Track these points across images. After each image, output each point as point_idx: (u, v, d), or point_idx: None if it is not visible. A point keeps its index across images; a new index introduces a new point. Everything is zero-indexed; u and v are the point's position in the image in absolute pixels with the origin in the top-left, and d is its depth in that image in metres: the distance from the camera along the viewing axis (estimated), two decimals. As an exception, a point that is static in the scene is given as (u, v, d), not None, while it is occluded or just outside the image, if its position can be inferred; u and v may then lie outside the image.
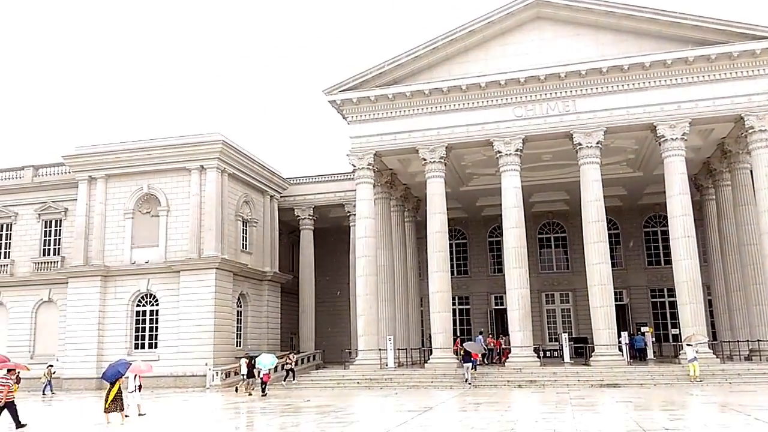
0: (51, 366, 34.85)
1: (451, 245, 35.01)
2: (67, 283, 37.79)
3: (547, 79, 31.47)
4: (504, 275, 32.43)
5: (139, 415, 20.32)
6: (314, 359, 41.28)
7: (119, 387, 18.83)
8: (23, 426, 17.53)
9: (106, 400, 18.69)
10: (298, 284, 45.52)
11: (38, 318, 39.42)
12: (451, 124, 32.73)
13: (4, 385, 17.48)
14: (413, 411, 19.24)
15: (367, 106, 33.53)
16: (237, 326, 38.86)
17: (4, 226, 41.21)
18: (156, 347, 36.13)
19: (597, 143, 31.06)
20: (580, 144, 31.17)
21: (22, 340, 39.02)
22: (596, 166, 31.23)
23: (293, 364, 33.52)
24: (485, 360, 35.25)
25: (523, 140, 31.88)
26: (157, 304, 36.74)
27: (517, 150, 31.85)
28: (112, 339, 36.47)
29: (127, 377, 20.30)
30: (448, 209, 33.52)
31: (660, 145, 30.81)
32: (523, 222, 31.87)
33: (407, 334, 37.94)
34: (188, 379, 34.64)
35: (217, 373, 33.71)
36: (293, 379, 32.33)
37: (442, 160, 32.79)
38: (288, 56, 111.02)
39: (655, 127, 30.52)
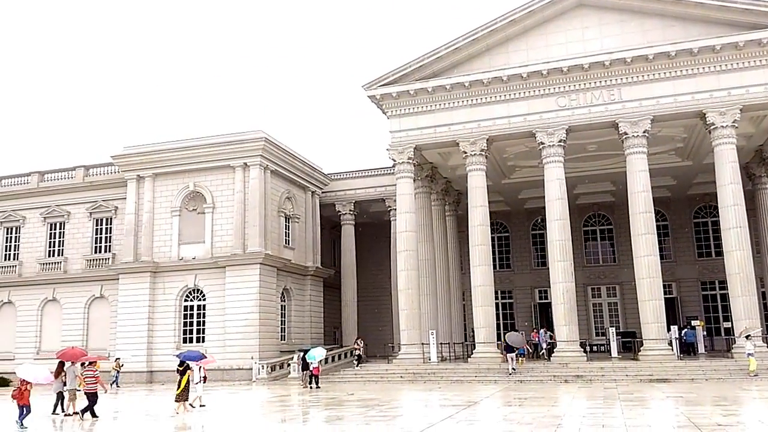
0: (119, 359, 35.71)
1: (493, 239, 34.65)
2: (117, 279, 38.83)
3: (591, 68, 30.87)
4: (548, 269, 31.98)
5: (200, 406, 20.93)
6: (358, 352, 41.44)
7: (188, 378, 19.65)
8: (96, 417, 18.50)
9: (178, 389, 19.56)
10: (340, 279, 45.81)
11: (90, 314, 40.64)
12: (492, 116, 32.41)
13: (92, 377, 18.76)
14: (457, 405, 19.16)
15: (407, 100, 33.45)
16: (281, 320, 39.34)
17: (58, 225, 42.58)
18: (203, 341, 36.87)
19: (644, 132, 30.34)
20: (626, 133, 30.49)
21: (75, 335, 40.29)
22: (643, 155, 30.52)
23: (361, 350, 33.26)
24: (531, 355, 34.90)
25: (566, 131, 31.35)
26: (204, 299, 37.47)
27: (560, 141, 31.33)
28: (162, 333, 37.34)
29: (192, 369, 20.96)
30: (489, 202, 33.25)
31: (710, 133, 29.92)
32: (567, 214, 31.37)
33: (450, 329, 37.82)
34: (235, 373, 35.23)
35: (262, 366, 34.20)
36: (358, 365, 32.05)
37: (483, 153, 32.49)
38: (327, 53, 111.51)
39: (705, 114, 29.64)
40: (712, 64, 29.67)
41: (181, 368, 20.03)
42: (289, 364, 34.91)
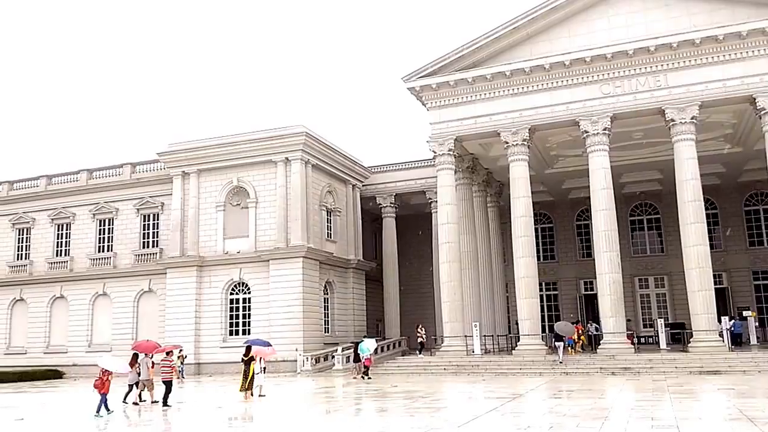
0: (182, 351, 36.45)
1: (536, 230, 34.34)
2: (165, 273, 39.74)
3: (636, 54, 30.14)
4: (594, 260, 31.45)
5: (260, 395, 21.49)
6: (399, 345, 41.55)
7: (253, 368, 20.44)
8: (168, 406, 19.37)
9: (245, 379, 20.40)
10: (382, 272, 45.94)
11: (140, 307, 41.70)
12: (534, 105, 31.96)
13: (168, 366, 20.00)
14: (502, 398, 19.04)
15: (447, 91, 33.24)
16: (324, 313, 39.70)
17: (106, 221, 43.77)
18: (249, 333, 37.40)
19: (691, 119, 29.51)
20: (673, 120, 29.71)
21: (125, 328, 41.43)
22: (691, 142, 29.70)
23: (423, 337, 33.18)
24: (574, 347, 34.40)
25: (611, 118, 30.71)
26: (249, 292, 38.06)
27: (605, 129, 30.72)
28: (208, 326, 38.09)
29: (255, 359, 21.57)
30: (532, 193, 32.82)
31: (760, 118, 28.93)
32: (613, 204, 30.77)
33: (493, 321, 37.55)
34: (279, 365, 35.71)
35: (307, 358, 34.58)
36: (420, 353, 31.99)
37: (525, 143, 32.08)
38: (365, 46, 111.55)
39: (755, 99, 28.67)
40: (761, 47, 28.64)
41: (245, 358, 20.79)
42: (333, 356, 35.23)
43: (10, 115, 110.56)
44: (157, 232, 42.29)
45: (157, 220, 42.41)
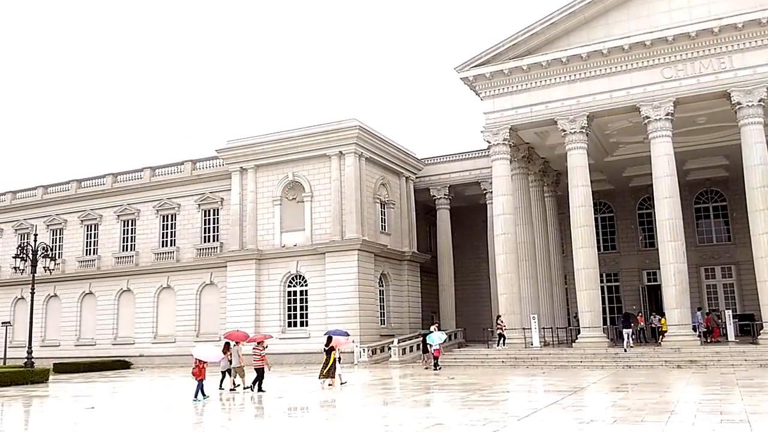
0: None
1: (596, 219, 33.45)
2: (225, 266, 40.68)
3: (699, 36, 28.98)
4: (657, 249, 30.51)
5: (341, 383, 22.23)
6: (456, 338, 41.38)
7: (334, 357, 21.24)
8: (263, 392, 20.77)
9: (324, 368, 21.53)
10: (436, 264, 45.80)
11: (202, 300, 42.84)
12: (592, 92, 31.17)
13: (259, 355, 21.22)
14: (563, 391, 18.69)
15: (501, 80, 32.75)
16: (380, 305, 39.88)
17: (169, 217, 45.09)
18: (306, 325, 38.02)
19: (759, 101, 28.22)
20: (739, 103, 28.47)
21: (188, 320, 42.67)
22: (759, 126, 28.40)
23: (503, 329, 33.00)
24: (639, 339, 33.55)
25: (673, 103, 29.66)
26: (306, 285, 38.58)
27: (667, 114, 29.69)
28: (268, 318, 38.81)
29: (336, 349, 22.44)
30: (591, 182, 32.05)
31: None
32: (677, 191, 29.76)
33: (552, 313, 36.95)
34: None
35: (364, 350, 34.82)
36: (504, 345, 31.94)
37: (584, 131, 31.33)
38: (415, 37, 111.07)
39: (829, 79, 27.14)
40: (837, 23, 27.09)
41: (326, 347, 21.89)
42: (389, 348, 35.37)
43: (76, 115, 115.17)
44: (218, 226, 43.31)
45: (217, 215, 43.43)
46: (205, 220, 43.88)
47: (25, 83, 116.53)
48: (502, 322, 32.10)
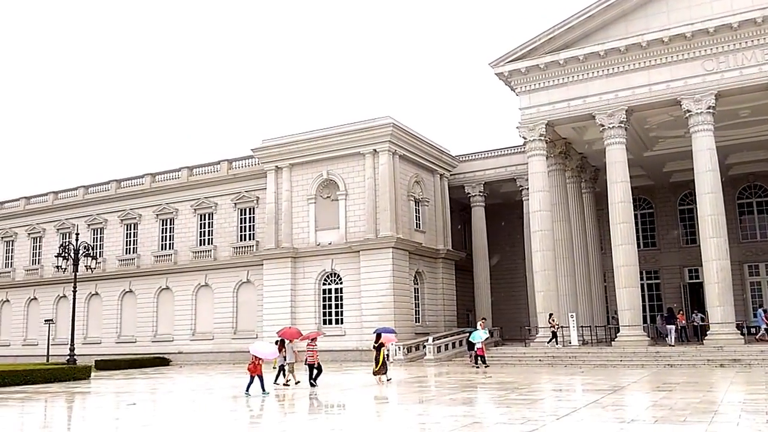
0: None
1: (635, 215, 32.76)
2: (261, 265, 41.05)
3: (741, 27, 28.17)
4: (699, 246, 29.77)
5: (387, 380, 22.68)
6: (492, 336, 40.96)
7: (384, 353, 22.04)
8: (315, 386, 21.70)
9: (376, 364, 22.24)
10: (471, 261, 45.47)
11: (239, 297, 43.33)
12: (630, 86, 30.56)
13: (313, 351, 22.07)
14: (602, 390, 18.34)
15: (537, 75, 32.32)
16: (414, 303, 39.77)
17: (207, 216, 45.69)
18: (341, 323, 38.13)
19: (806, 93, 27.26)
20: (785, 95, 27.55)
21: (226, 317, 43.20)
22: (806, 119, 27.46)
23: (556, 326, 32.67)
24: (680, 338, 32.78)
25: (715, 96, 28.89)
26: (341, 283, 38.69)
27: (709, 108, 28.92)
28: (303, 315, 39.04)
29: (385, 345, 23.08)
30: (630, 177, 31.45)
31: None
32: (719, 186, 28.99)
33: (590, 311, 36.36)
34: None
35: (399, 348, 34.75)
36: (557, 343, 31.65)
37: (622, 125, 30.73)
38: (446, 34, 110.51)
39: None
40: None
41: (376, 345, 22.53)
42: (424, 346, 35.26)
43: (116, 116, 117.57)
44: (253, 225, 43.73)
45: (253, 213, 43.84)
46: (241, 218, 44.34)
47: (67, 84, 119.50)
48: (554, 320, 31.88)
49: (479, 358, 29.07)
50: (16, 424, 15.70)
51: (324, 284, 39.42)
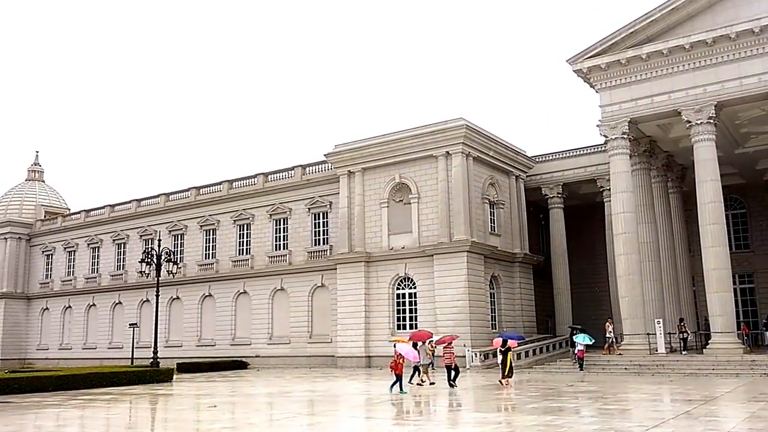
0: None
1: (726, 216, 30.68)
2: (335, 269, 41.16)
3: None
4: (798, 248, 27.67)
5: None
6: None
7: (510, 358, 22.60)
8: (455, 386, 22.54)
9: (504, 368, 22.81)
10: (550, 266, 44.10)
11: (314, 302, 43.64)
12: (719, 79, 28.86)
13: (450, 353, 23.08)
14: (693, 401, 17.19)
15: (618, 71, 31.01)
16: (491, 308, 38.88)
17: (281, 221, 46.34)
18: (416, 328, 37.48)
19: None
20: None
21: (301, 321, 43.59)
22: None
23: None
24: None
25: (815, 88, 26.83)
26: (414, 287, 38.28)
27: (807, 100, 26.89)
28: (377, 320, 38.87)
29: (511, 350, 23.77)
30: (721, 176, 29.68)
31: None
32: (820, 184, 26.85)
33: (678, 317, 34.44)
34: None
35: (476, 354, 34.04)
36: (686, 351, 30.67)
37: (711, 121, 29.01)
38: (518, 33, 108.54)
39: None
40: None
41: (503, 348, 23.18)
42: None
43: (194, 126, 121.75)
44: (327, 230, 44.00)
45: (327, 218, 44.12)
46: (315, 223, 44.71)
47: (148, 95, 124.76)
48: (684, 326, 31.04)
49: (581, 360, 29.35)
50: (104, 424, 16.13)
51: (397, 288, 39.13)
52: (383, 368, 36.46)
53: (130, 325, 48.86)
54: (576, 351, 29.73)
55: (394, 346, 22.67)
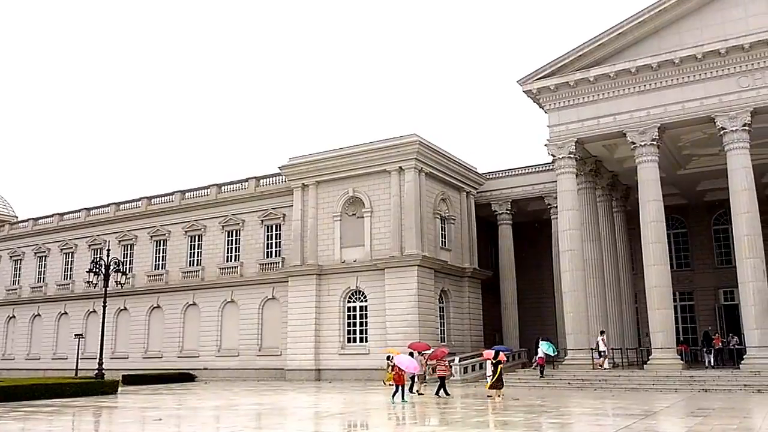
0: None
1: (668, 235, 31.85)
2: (287, 281, 40.97)
3: (778, 42, 27.47)
4: (734, 267, 28.92)
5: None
6: (519, 357, 40.27)
7: (500, 369, 22.82)
8: (448, 396, 24.19)
9: (493, 378, 22.95)
10: (498, 281, 44.84)
11: (264, 314, 43.28)
12: (663, 103, 30.03)
13: (444, 365, 24.95)
14: (634, 415, 17.71)
15: (566, 92, 31.96)
16: (440, 322, 39.27)
17: (234, 232, 45.89)
18: (366, 341, 37.76)
19: None
20: (825, 112, 26.73)
21: (251, 334, 43.13)
22: None
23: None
24: (715, 362, 31.75)
25: (751, 113, 28.25)
26: (366, 300, 38.39)
27: (744, 125, 28.24)
28: (327, 333, 38.79)
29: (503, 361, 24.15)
30: (663, 196, 30.75)
31: None
32: (756, 206, 28.19)
33: (621, 333, 35.47)
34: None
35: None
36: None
37: (655, 143, 30.14)
38: (470, 52, 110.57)
39: None
40: None
41: (494, 360, 23.43)
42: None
43: (145, 134, 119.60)
44: (280, 242, 43.79)
45: (280, 230, 43.93)
46: (267, 235, 44.46)
47: (94, 102, 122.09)
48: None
49: (541, 368, 30.44)
50: (40, 438, 15.66)
51: (349, 302, 39.16)
52: (332, 381, 36.40)
53: (75, 335, 47.54)
54: (536, 358, 30.85)
55: (391, 359, 23.38)
